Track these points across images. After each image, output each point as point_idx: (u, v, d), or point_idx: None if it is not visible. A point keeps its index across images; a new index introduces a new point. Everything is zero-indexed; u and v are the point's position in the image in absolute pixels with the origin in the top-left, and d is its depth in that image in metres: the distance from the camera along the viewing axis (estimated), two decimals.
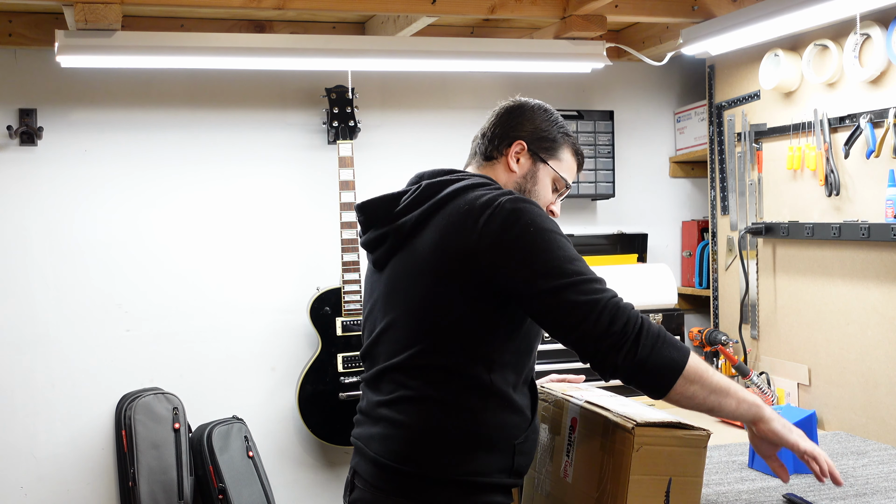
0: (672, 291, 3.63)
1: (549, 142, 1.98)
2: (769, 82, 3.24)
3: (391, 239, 1.89)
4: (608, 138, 3.95)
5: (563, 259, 1.74)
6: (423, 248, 1.83)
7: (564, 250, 1.75)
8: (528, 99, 2.04)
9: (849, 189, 2.98)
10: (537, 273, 1.73)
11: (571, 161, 2.02)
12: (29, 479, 3.45)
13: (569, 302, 1.71)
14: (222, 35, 3.14)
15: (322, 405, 3.55)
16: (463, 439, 1.78)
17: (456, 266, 1.77)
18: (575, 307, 1.70)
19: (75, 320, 3.48)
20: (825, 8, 2.60)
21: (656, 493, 1.81)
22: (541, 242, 1.74)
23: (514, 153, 1.97)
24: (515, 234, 1.74)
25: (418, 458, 1.79)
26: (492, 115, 2.03)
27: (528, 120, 1.98)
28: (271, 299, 3.69)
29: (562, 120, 2.02)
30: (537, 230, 1.75)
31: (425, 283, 1.81)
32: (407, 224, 1.86)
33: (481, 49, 3.29)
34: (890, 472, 2.35)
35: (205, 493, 3.41)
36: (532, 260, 1.73)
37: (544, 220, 1.78)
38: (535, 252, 1.74)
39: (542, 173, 1.98)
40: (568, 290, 1.71)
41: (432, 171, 1.96)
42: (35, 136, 3.39)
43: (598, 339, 1.69)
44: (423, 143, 3.82)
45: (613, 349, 1.69)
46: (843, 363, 3.04)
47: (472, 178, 1.89)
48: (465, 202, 1.81)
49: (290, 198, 3.71)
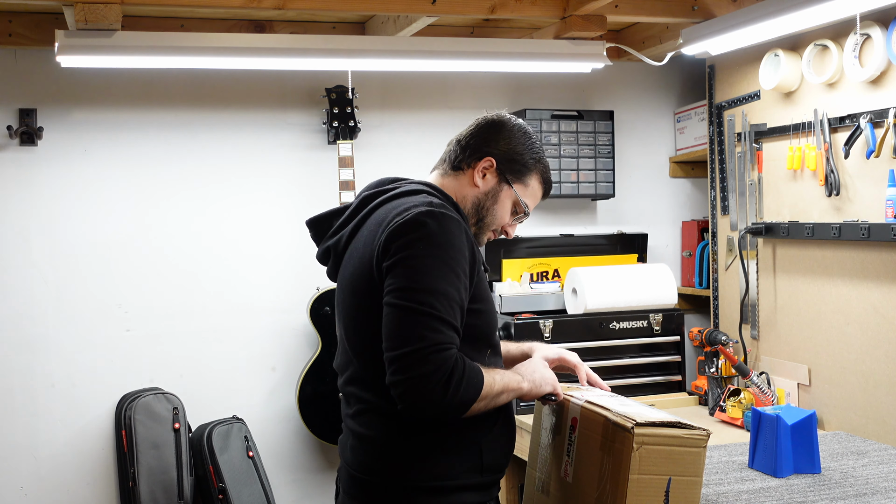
0: (672, 291, 3.63)
1: (519, 165, 1.97)
2: (769, 82, 3.24)
3: (333, 254, 1.96)
4: (608, 138, 3.94)
5: (425, 286, 1.72)
6: (350, 263, 1.89)
7: (435, 281, 1.73)
8: (511, 117, 2.02)
9: (849, 189, 2.98)
10: (395, 285, 1.74)
11: (537, 188, 2.01)
12: (29, 479, 3.44)
13: (402, 325, 1.71)
14: (222, 35, 3.15)
15: (322, 405, 3.55)
16: (423, 446, 1.82)
17: (367, 278, 1.81)
18: (405, 334, 1.70)
19: (75, 320, 3.48)
20: (825, 8, 2.60)
21: (656, 493, 1.81)
22: (419, 260, 1.74)
23: (481, 168, 1.95)
24: (403, 244, 1.75)
25: (383, 468, 1.84)
26: (472, 125, 2.02)
27: (504, 138, 1.97)
28: (271, 299, 3.69)
29: (538, 146, 2.01)
30: (426, 248, 1.74)
31: (351, 300, 1.87)
32: (342, 239, 1.93)
33: (481, 49, 3.29)
34: (890, 472, 2.35)
35: (205, 493, 3.41)
36: (401, 272, 1.74)
37: (443, 242, 1.76)
38: (407, 267, 1.74)
39: (504, 194, 1.97)
40: (408, 314, 1.71)
41: (379, 180, 1.99)
42: (35, 136, 3.39)
43: (413, 373, 1.69)
44: (423, 143, 3.82)
45: (423, 386, 1.69)
46: (843, 363, 3.04)
47: (410, 186, 1.91)
48: (385, 211, 1.84)
49: (290, 198, 3.71)
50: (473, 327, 1.84)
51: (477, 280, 1.85)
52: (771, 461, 2.33)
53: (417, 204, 1.81)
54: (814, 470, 2.33)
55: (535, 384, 1.94)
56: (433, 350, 1.69)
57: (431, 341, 1.69)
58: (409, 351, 1.69)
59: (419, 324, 1.70)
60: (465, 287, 1.79)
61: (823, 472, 2.35)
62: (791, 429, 2.32)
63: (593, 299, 3.50)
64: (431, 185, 1.95)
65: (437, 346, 1.69)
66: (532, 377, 1.94)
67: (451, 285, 1.74)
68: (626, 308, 3.57)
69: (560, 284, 3.77)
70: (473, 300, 1.84)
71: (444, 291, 1.73)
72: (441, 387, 1.69)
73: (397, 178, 2.00)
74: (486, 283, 1.93)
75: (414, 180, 1.98)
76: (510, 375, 1.88)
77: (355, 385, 1.90)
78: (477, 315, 1.85)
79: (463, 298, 1.78)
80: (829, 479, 2.28)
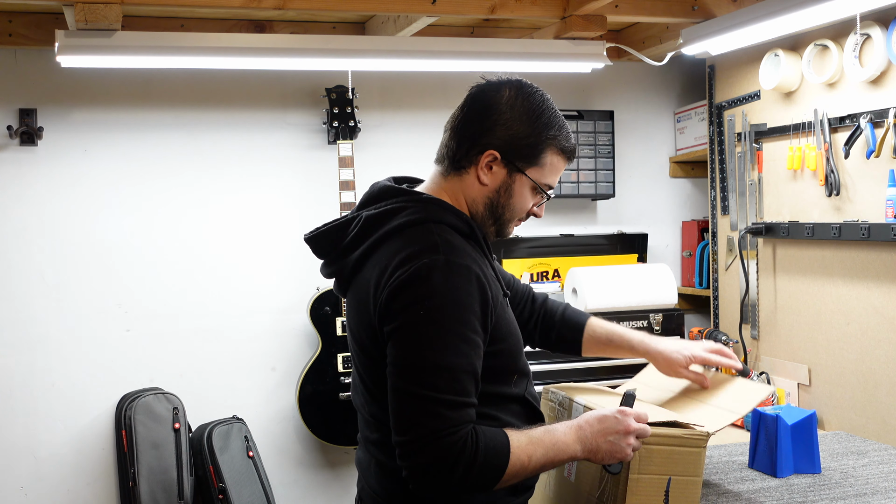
0: (672, 291, 3.63)
1: (528, 148, 1.71)
2: (769, 82, 3.24)
3: (341, 274, 1.80)
4: (608, 138, 3.95)
5: (426, 363, 1.57)
6: (355, 304, 1.73)
7: (437, 355, 1.57)
8: (504, 90, 1.73)
9: (849, 189, 2.98)
10: (396, 361, 1.60)
11: (558, 161, 1.76)
12: (29, 479, 3.44)
13: (401, 410, 1.58)
14: (222, 35, 3.15)
15: (322, 405, 3.55)
16: None
17: (369, 333, 1.67)
18: (404, 421, 1.58)
19: (75, 320, 3.48)
20: (825, 8, 2.60)
21: (656, 492, 1.81)
22: (420, 329, 1.58)
23: (485, 164, 1.72)
24: (403, 305, 1.59)
25: (416, 500, 1.71)
26: (463, 106, 1.76)
27: (501, 124, 1.71)
28: (271, 299, 3.69)
29: (547, 111, 1.74)
30: (427, 312, 1.57)
31: (358, 347, 1.73)
32: (349, 263, 1.75)
33: (481, 49, 3.29)
34: (890, 472, 2.35)
35: (205, 493, 3.41)
36: (402, 345, 1.59)
37: (448, 302, 1.58)
38: (407, 339, 1.59)
39: (518, 184, 1.73)
40: (406, 399, 1.58)
41: (378, 190, 1.78)
42: (35, 136, 3.39)
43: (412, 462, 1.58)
44: (423, 143, 3.81)
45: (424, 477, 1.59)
46: (843, 363, 3.04)
47: (414, 212, 1.69)
48: (389, 252, 1.65)
49: (290, 198, 3.71)
50: (492, 368, 1.68)
51: (494, 321, 1.67)
52: (771, 461, 2.32)
53: (422, 248, 1.62)
54: (814, 470, 2.33)
55: (593, 452, 1.69)
56: (431, 439, 1.55)
57: (429, 430, 1.55)
58: (408, 440, 1.57)
59: (417, 409, 1.56)
60: (479, 344, 1.62)
61: (823, 472, 2.35)
62: (791, 429, 2.32)
63: (593, 299, 3.51)
64: (436, 203, 1.72)
65: (434, 433, 1.55)
66: (593, 443, 1.69)
67: (457, 355, 1.58)
68: (627, 308, 3.57)
69: (560, 284, 3.77)
70: (492, 342, 1.68)
71: (449, 366, 1.57)
72: (446, 474, 1.56)
73: (400, 179, 1.81)
74: (508, 313, 1.75)
75: (418, 195, 1.75)
76: (560, 441, 1.67)
77: (376, 418, 1.74)
78: (495, 356, 1.69)
79: (475, 364, 1.61)
80: (829, 479, 2.28)
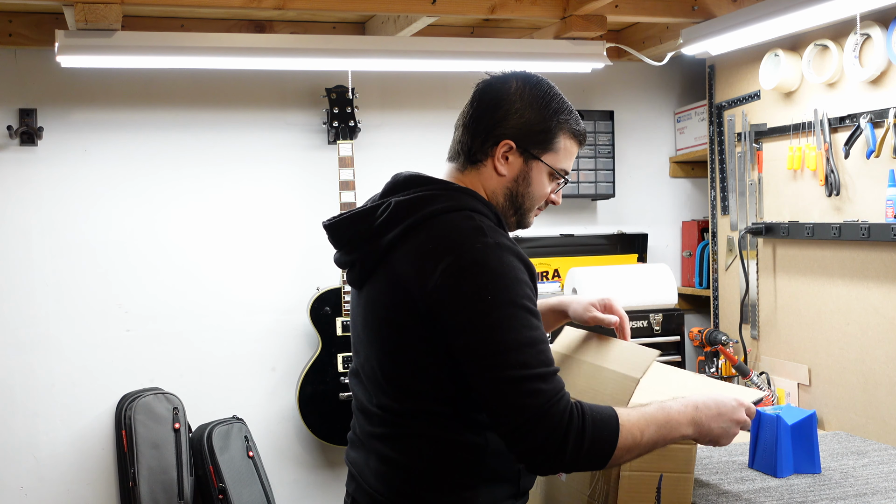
0: (672, 291, 3.63)
1: (541, 134, 1.75)
2: (769, 82, 3.24)
3: (365, 262, 1.74)
4: (608, 138, 3.95)
5: (509, 344, 1.56)
6: (385, 289, 1.69)
7: (516, 333, 1.57)
8: (512, 80, 1.78)
9: (849, 189, 2.98)
10: (476, 351, 1.58)
11: (571, 145, 1.79)
12: (29, 479, 3.44)
13: (500, 399, 1.56)
14: (222, 35, 3.15)
15: (322, 405, 3.55)
16: (465, 476, 1.68)
17: (410, 314, 1.64)
18: (507, 409, 1.56)
19: (75, 320, 3.48)
20: (825, 8, 2.60)
21: (648, 489, 1.81)
22: (493, 315, 1.57)
23: (501, 154, 1.75)
24: (467, 296, 1.58)
25: (419, 496, 1.69)
26: (473, 101, 1.79)
27: (514, 113, 1.74)
28: (271, 299, 3.69)
29: (555, 98, 1.77)
30: (494, 296, 1.57)
31: (388, 332, 1.69)
32: (378, 248, 1.70)
33: (481, 49, 3.29)
34: (890, 472, 2.34)
35: (205, 493, 3.41)
36: (477, 334, 1.57)
37: (510, 282, 1.59)
38: (483, 326, 1.57)
39: (535, 171, 1.77)
40: (501, 385, 1.56)
41: (405, 178, 1.77)
42: (35, 136, 3.39)
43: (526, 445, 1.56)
44: (423, 143, 3.82)
45: (540, 456, 1.56)
46: (843, 363, 3.04)
47: (449, 199, 1.70)
48: (429, 239, 1.64)
49: (290, 198, 3.71)
50: None
51: None
52: (771, 461, 2.32)
53: (468, 233, 1.62)
54: (814, 470, 2.33)
55: (704, 435, 1.69)
56: (540, 415, 1.54)
57: (535, 407, 1.54)
58: (518, 424, 1.54)
59: (517, 392, 1.54)
60: (539, 315, 1.63)
61: (823, 472, 2.34)
62: (791, 429, 2.32)
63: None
64: (469, 192, 1.73)
65: (541, 409, 1.54)
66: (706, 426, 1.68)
67: (530, 328, 1.58)
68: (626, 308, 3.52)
69: (560, 284, 3.77)
70: None
71: (529, 341, 1.57)
72: (560, 444, 1.54)
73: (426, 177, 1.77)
74: None
75: (449, 184, 1.75)
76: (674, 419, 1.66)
77: (388, 411, 1.71)
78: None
79: (545, 333, 1.63)
80: (829, 479, 2.28)
